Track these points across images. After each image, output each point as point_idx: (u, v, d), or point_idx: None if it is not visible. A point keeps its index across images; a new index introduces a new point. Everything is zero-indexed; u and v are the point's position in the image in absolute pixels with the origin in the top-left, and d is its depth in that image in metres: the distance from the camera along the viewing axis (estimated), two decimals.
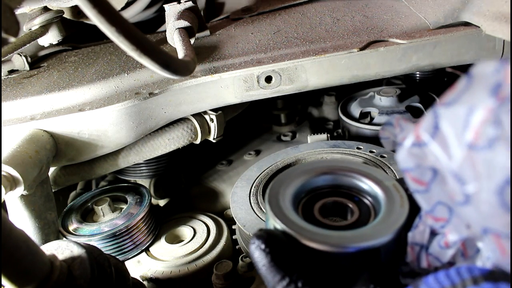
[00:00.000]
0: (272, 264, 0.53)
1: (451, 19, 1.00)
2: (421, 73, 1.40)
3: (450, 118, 0.45)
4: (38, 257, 0.58)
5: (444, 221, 0.51)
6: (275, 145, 1.32)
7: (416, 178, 0.51)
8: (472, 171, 0.44)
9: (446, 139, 0.46)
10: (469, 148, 0.43)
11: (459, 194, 0.46)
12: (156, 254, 0.98)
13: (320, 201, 0.67)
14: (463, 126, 0.44)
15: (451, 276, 0.45)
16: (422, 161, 0.50)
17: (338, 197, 0.69)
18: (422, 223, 0.56)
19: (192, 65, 0.85)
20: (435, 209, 0.51)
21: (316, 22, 1.13)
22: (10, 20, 0.51)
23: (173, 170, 1.28)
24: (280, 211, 0.61)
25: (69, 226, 0.97)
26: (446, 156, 0.46)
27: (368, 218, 0.64)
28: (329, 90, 1.43)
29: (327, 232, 0.58)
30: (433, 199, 0.51)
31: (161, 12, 1.46)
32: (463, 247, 0.52)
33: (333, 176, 0.70)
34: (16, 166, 0.79)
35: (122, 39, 0.63)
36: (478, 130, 0.42)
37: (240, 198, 0.94)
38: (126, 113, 0.93)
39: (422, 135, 0.49)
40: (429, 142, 0.48)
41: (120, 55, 1.13)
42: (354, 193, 0.69)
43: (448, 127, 0.46)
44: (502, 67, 0.42)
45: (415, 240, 0.57)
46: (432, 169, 0.49)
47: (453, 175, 0.46)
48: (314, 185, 0.69)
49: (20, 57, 1.17)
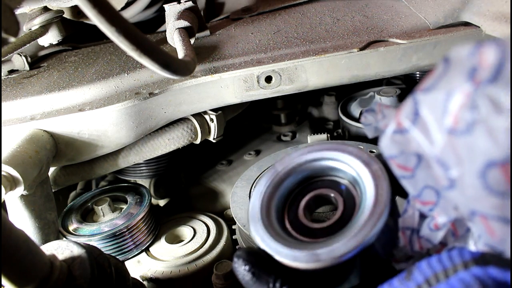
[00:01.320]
0: (254, 280, 0.54)
1: (451, 19, 1.00)
2: (421, 73, 1.40)
3: (430, 104, 0.46)
4: (38, 257, 0.58)
5: (432, 204, 0.51)
6: (275, 145, 1.32)
7: (401, 164, 0.51)
8: (454, 156, 0.44)
9: (426, 125, 0.46)
10: (449, 133, 0.44)
11: (444, 179, 0.46)
12: (156, 254, 0.98)
13: (302, 201, 0.65)
14: (442, 111, 0.44)
15: (443, 261, 0.45)
16: (405, 147, 0.50)
17: (320, 189, 0.65)
18: (411, 207, 0.56)
19: (192, 65, 0.85)
20: (422, 193, 0.51)
21: (316, 22, 1.13)
22: (10, 20, 0.51)
23: (173, 170, 1.28)
24: (258, 228, 0.60)
25: (69, 226, 0.97)
26: (428, 142, 0.46)
27: (353, 209, 0.61)
28: (329, 90, 1.43)
29: (305, 248, 0.56)
30: (420, 183, 0.51)
31: (161, 12, 1.45)
32: (453, 227, 0.52)
33: (306, 168, 0.66)
34: (16, 166, 0.79)
35: (122, 39, 0.63)
36: (457, 115, 0.43)
37: (240, 198, 0.94)
38: (126, 113, 0.93)
39: (403, 122, 0.49)
40: (410, 129, 0.48)
41: (120, 55, 1.13)
42: (337, 178, 0.65)
43: (428, 113, 0.46)
44: (476, 51, 0.42)
45: (406, 224, 0.57)
46: (416, 154, 0.49)
47: (436, 161, 0.46)
48: (289, 186, 0.66)
49: (20, 57, 1.17)
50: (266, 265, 0.55)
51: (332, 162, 0.64)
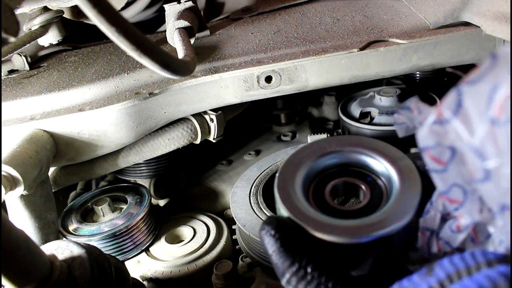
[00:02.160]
0: (282, 249, 0.53)
1: (451, 19, 1.00)
2: (421, 73, 1.40)
3: (474, 95, 0.45)
4: (38, 257, 0.58)
5: (458, 203, 0.51)
6: (275, 145, 1.32)
7: (435, 156, 0.50)
8: (493, 146, 0.44)
9: (468, 115, 0.46)
10: (492, 123, 0.44)
11: (479, 171, 0.46)
12: (156, 254, 0.98)
13: (331, 183, 0.65)
14: (487, 102, 0.44)
15: (465, 259, 0.45)
16: (442, 139, 0.49)
17: (349, 177, 0.66)
18: (433, 208, 0.56)
19: (192, 65, 0.85)
20: (451, 190, 0.51)
21: (316, 22, 1.13)
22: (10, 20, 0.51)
23: (173, 170, 1.28)
24: (288, 198, 0.59)
25: (69, 226, 0.97)
26: (468, 132, 0.46)
27: (380, 200, 0.62)
28: (329, 90, 1.43)
29: (335, 222, 0.56)
30: (450, 179, 0.50)
31: (161, 12, 1.45)
32: (473, 233, 0.52)
33: (342, 155, 0.66)
34: (16, 166, 0.79)
35: (122, 39, 0.63)
36: (502, 105, 0.43)
37: (240, 198, 0.94)
38: (126, 113, 0.93)
39: (444, 113, 0.48)
40: (451, 119, 0.48)
41: (120, 55, 1.13)
42: (366, 172, 0.66)
43: (471, 104, 0.46)
44: None
45: (426, 225, 0.56)
46: (451, 148, 0.49)
47: (474, 151, 0.46)
48: (323, 165, 0.66)
49: (20, 57, 1.17)
50: (294, 237, 0.55)
51: (363, 156, 0.65)
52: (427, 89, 1.29)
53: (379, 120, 1.19)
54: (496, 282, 0.40)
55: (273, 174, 1.00)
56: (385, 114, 1.18)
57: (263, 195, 0.94)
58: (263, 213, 0.89)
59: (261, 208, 0.90)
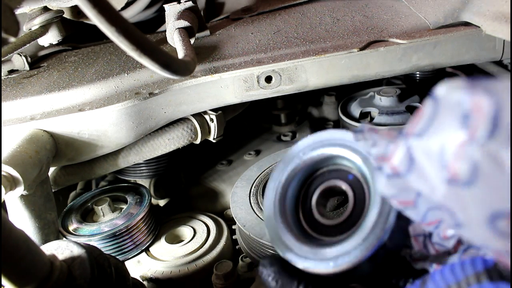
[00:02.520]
0: (279, 281, 0.59)
1: (451, 19, 1.00)
2: (421, 73, 1.40)
3: (424, 151, 0.44)
4: (38, 257, 0.58)
5: (437, 222, 0.50)
6: (275, 145, 1.32)
7: (402, 200, 0.50)
8: (457, 204, 0.42)
9: (424, 172, 0.44)
10: (450, 184, 0.42)
11: (450, 220, 0.45)
12: (156, 254, 0.98)
13: (313, 198, 0.67)
14: (439, 162, 0.42)
15: (456, 272, 0.45)
16: (404, 186, 0.48)
17: (327, 182, 0.67)
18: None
19: (192, 65, 0.85)
20: (427, 217, 0.50)
21: (316, 22, 1.13)
22: (10, 20, 0.51)
23: (173, 170, 1.28)
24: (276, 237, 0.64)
25: (69, 226, 0.97)
26: (428, 189, 0.44)
27: (363, 200, 0.62)
28: (329, 90, 1.43)
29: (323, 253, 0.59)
30: (422, 210, 0.50)
31: (161, 12, 1.45)
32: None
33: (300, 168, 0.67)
34: (16, 166, 0.79)
35: (122, 39, 0.63)
36: (454, 167, 0.41)
37: (240, 198, 0.94)
38: (126, 113, 0.93)
39: (398, 167, 0.47)
40: (407, 175, 0.47)
41: (120, 55, 1.13)
42: (345, 168, 0.65)
43: (424, 160, 0.44)
44: (468, 98, 0.40)
45: (417, 232, 0.57)
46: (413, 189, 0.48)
47: (440, 206, 0.45)
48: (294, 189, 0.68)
49: (20, 57, 1.17)
50: (289, 270, 0.60)
51: (337, 150, 0.65)
52: (427, 89, 1.29)
53: (379, 120, 1.19)
54: None
55: None
56: (385, 114, 1.18)
57: (263, 195, 0.94)
58: (263, 213, 0.89)
59: (261, 208, 0.90)
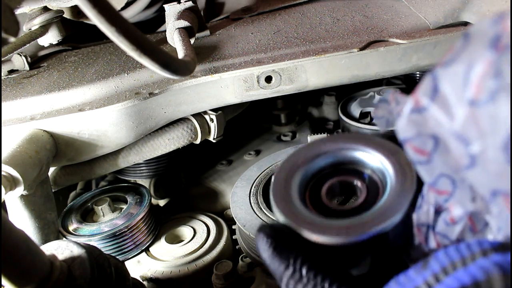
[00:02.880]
0: (275, 254, 0.53)
1: (451, 19, 1.00)
2: (421, 73, 1.40)
3: (450, 78, 0.43)
4: (38, 257, 0.58)
5: (447, 194, 0.49)
6: (275, 145, 1.32)
7: (417, 147, 0.48)
8: (475, 129, 0.41)
9: (446, 99, 0.44)
10: (471, 105, 0.41)
11: (464, 157, 0.43)
12: (156, 254, 0.98)
13: (326, 184, 0.64)
14: (463, 83, 0.42)
15: (461, 250, 0.44)
16: (422, 128, 0.47)
17: (344, 176, 0.65)
18: (425, 202, 0.54)
19: (192, 65, 0.85)
20: (438, 181, 0.49)
21: (316, 22, 1.13)
22: (10, 20, 0.51)
23: (173, 170, 1.28)
24: (282, 202, 0.60)
25: (69, 226, 0.97)
26: (448, 117, 0.44)
27: (376, 197, 0.61)
28: (329, 90, 1.43)
29: (327, 223, 0.56)
30: (436, 170, 0.48)
31: (161, 12, 1.45)
32: (470, 222, 0.50)
33: (336, 154, 0.66)
34: (16, 166, 0.79)
35: (122, 39, 0.63)
36: (479, 85, 0.40)
37: (240, 198, 0.94)
38: (126, 113, 0.93)
39: (421, 100, 0.46)
40: (429, 106, 0.45)
41: (120, 55, 1.13)
42: (362, 168, 0.65)
43: (448, 87, 0.43)
44: (500, 20, 0.41)
45: (421, 221, 0.55)
46: (434, 137, 0.47)
47: (456, 137, 0.44)
48: (318, 167, 0.66)
49: (20, 57, 1.17)
50: (288, 241, 0.55)
51: (357, 152, 0.64)
52: None
53: None
54: (490, 272, 0.39)
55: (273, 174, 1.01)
56: None
57: (263, 195, 0.94)
58: (263, 213, 0.89)
59: (261, 208, 0.90)
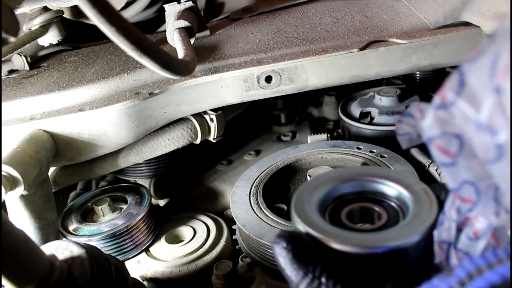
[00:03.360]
0: (294, 261, 0.52)
1: (451, 19, 1.00)
2: (421, 73, 1.40)
3: (476, 71, 0.43)
4: (38, 257, 0.58)
5: (471, 203, 0.48)
6: (275, 145, 1.32)
7: (443, 147, 0.47)
8: (502, 117, 0.41)
9: (473, 91, 0.43)
10: (497, 92, 0.41)
11: (491, 149, 0.43)
12: (156, 254, 0.98)
13: (347, 207, 0.65)
14: (490, 73, 0.41)
15: (487, 257, 0.43)
16: (448, 127, 0.46)
17: (366, 203, 0.67)
18: (447, 219, 0.54)
19: (192, 65, 0.85)
20: (462, 188, 0.48)
21: (316, 22, 1.13)
22: (10, 20, 0.51)
23: (173, 170, 1.28)
24: (304, 214, 0.60)
25: (69, 226, 0.97)
26: (474, 109, 0.43)
27: (396, 222, 0.62)
28: (329, 90, 1.43)
29: (351, 234, 0.57)
30: (460, 175, 0.47)
31: (161, 12, 1.45)
32: (494, 239, 0.49)
33: (359, 182, 0.68)
34: (16, 166, 0.79)
35: (122, 39, 0.63)
36: (505, 72, 0.40)
37: (240, 198, 0.94)
38: (126, 113, 0.93)
39: (447, 95, 0.45)
40: (455, 101, 0.45)
41: (120, 55, 1.13)
42: (382, 198, 0.67)
43: (475, 80, 0.43)
44: None
45: (442, 238, 0.54)
46: (459, 137, 0.46)
47: (483, 129, 0.43)
48: (340, 192, 0.68)
49: (20, 57, 1.17)
50: (307, 248, 0.54)
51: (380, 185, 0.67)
52: (427, 89, 1.30)
53: (379, 120, 1.19)
54: None
55: (273, 174, 1.01)
56: (385, 114, 1.18)
57: (263, 195, 0.94)
58: (263, 213, 0.89)
59: (261, 208, 0.90)
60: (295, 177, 1.04)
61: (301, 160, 1.05)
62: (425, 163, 1.03)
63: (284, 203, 0.95)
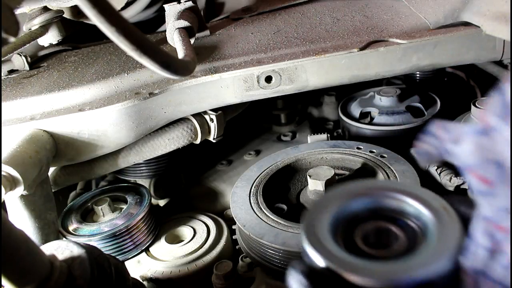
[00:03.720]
0: None
1: (451, 19, 1.00)
2: (421, 73, 1.40)
3: None
4: (38, 257, 0.58)
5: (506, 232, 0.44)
6: (275, 145, 1.32)
7: (482, 176, 0.44)
8: None
9: None
10: None
11: None
12: (156, 254, 0.98)
13: (361, 228, 0.60)
14: None
15: None
16: (488, 154, 0.43)
17: (381, 222, 0.61)
18: (474, 244, 0.49)
19: (192, 65, 0.85)
20: (499, 216, 0.44)
21: (316, 22, 1.13)
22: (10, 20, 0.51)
23: (173, 170, 1.28)
24: (318, 242, 0.54)
25: (69, 226, 0.97)
26: None
27: (416, 245, 0.57)
28: (329, 90, 1.43)
29: (373, 265, 0.51)
30: (498, 203, 0.44)
31: (161, 12, 1.45)
32: None
33: (372, 198, 0.62)
34: (16, 166, 0.79)
35: (122, 39, 0.63)
36: None
37: (240, 198, 0.94)
38: (126, 113, 0.93)
39: (490, 120, 0.42)
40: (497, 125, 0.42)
41: (120, 55, 1.13)
42: (398, 215, 0.61)
43: None
44: None
45: (470, 264, 0.49)
46: (499, 164, 0.43)
47: None
48: (352, 209, 0.61)
49: (20, 57, 1.17)
50: (324, 281, 0.50)
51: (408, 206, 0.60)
52: (427, 89, 1.30)
53: (379, 120, 1.19)
54: None
55: (273, 174, 1.01)
56: (385, 114, 1.18)
57: (263, 195, 0.94)
58: (263, 213, 0.89)
59: (261, 208, 0.90)
60: (295, 177, 1.04)
61: (301, 160, 1.05)
62: None
63: (284, 203, 0.95)
